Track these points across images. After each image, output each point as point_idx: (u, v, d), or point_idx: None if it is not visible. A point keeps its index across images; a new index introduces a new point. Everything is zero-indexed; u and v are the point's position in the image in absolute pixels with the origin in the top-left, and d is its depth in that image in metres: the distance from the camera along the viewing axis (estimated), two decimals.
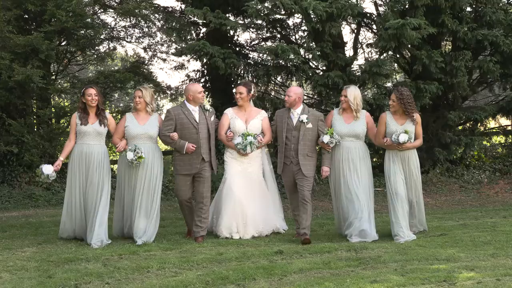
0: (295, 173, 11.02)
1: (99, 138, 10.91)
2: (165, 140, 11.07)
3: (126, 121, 11.00)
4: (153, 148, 11.02)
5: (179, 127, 10.89)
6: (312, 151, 11.07)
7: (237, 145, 10.98)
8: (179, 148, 10.84)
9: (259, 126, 11.32)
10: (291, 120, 11.05)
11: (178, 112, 10.96)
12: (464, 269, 8.60)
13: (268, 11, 17.18)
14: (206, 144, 10.98)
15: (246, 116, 11.30)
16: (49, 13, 17.21)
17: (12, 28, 17.15)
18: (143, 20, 20.54)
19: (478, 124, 18.56)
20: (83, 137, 10.83)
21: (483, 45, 16.78)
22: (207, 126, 11.02)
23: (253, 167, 11.36)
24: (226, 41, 18.97)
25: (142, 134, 10.85)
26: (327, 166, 11.04)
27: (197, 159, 10.88)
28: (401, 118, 10.75)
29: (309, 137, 11.00)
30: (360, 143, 11.12)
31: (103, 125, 10.88)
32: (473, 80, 17.79)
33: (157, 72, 26.23)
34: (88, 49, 20.09)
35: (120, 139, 10.99)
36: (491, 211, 13.96)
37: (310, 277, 8.32)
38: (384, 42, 16.32)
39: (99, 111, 10.94)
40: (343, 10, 16.18)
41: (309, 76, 17.29)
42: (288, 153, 11.05)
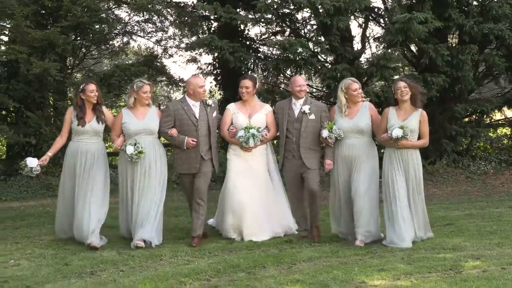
0: (299, 168, 10.13)
1: (97, 135, 10.15)
2: (164, 137, 10.36)
3: (123, 117, 10.05)
4: (155, 143, 10.10)
5: (178, 123, 10.04)
6: (314, 144, 10.13)
7: (239, 138, 10.01)
8: (179, 144, 10.00)
9: (263, 120, 10.32)
10: (293, 111, 10.17)
11: (177, 108, 10.13)
12: (470, 258, 8.59)
13: (277, 6, 17.27)
14: (206, 142, 10.09)
15: (249, 111, 10.33)
16: (65, 9, 17.32)
17: (30, 23, 17.28)
18: (156, 15, 20.64)
19: (484, 116, 18.53)
20: (80, 135, 10.06)
21: (489, 39, 16.71)
22: (208, 122, 10.10)
23: (257, 164, 10.35)
24: (236, 35, 18.98)
25: (142, 130, 9.93)
26: (330, 159, 9.96)
27: (196, 158, 10.03)
28: (405, 113, 9.58)
29: (311, 129, 10.07)
30: (365, 140, 9.91)
31: (100, 122, 10.09)
32: (479, 73, 17.75)
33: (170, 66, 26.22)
34: (103, 43, 20.24)
35: (118, 136, 10.08)
36: (496, 201, 13.92)
37: (319, 265, 8.36)
38: (391, 36, 16.29)
39: (96, 106, 10.11)
40: (351, 4, 16.18)
41: (318, 69, 17.28)
42: (289, 147, 10.18)
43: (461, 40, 17.16)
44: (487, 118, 19.06)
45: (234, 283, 7.58)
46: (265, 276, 7.83)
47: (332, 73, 16.32)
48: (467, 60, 16.31)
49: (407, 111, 9.58)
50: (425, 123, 9.63)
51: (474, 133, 17.42)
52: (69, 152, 10.15)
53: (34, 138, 17.02)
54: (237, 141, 10.11)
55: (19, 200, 15.70)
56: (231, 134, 10.23)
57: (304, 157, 10.00)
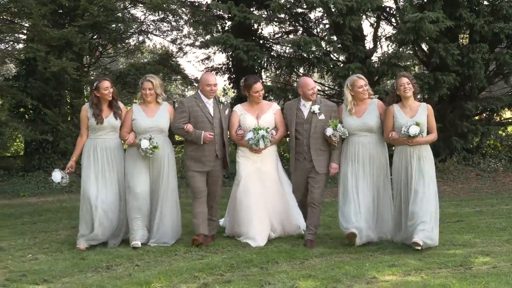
0: (308, 171, 9.58)
1: (114, 131, 9.70)
2: (179, 133, 9.82)
3: (134, 113, 9.65)
4: (164, 141, 9.62)
5: (193, 120, 9.53)
6: (325, 144, 9.51)
7: (249, 140, 9.48)
8: (196, 139, 9.45)
9: (272, 120, 9.83)
10: (301, 112, 9.61)
11: (192, 104, 9.65)
12: (480, 254, 8.58)
13: (291, 5, 17.29)
14: (220, 140, 9.68)
15: (257, 112, 9.83)
16: (82, 8, 17.42)
17: (48, 22, 17.42)
18: (171, 14, 20.68)
19: (494, 114, 18.47)
20: (97, 131, 9.62)
21: (500, 38, 16.63)
22: (221, 120, 9.67)
23: (267, 166, 9.88)
24: (250, 34, 18.99)
25: (152, 127, 9.50)
26: (335, 163, 9.48)
27: (210, 156, 9.60)
28: (411, 110, 9.07)
29: (321, 129, 9.45)
30: (375, 138, 9.36)
31: (118, 118, 9.66)
32: (489, 71, 17.69)
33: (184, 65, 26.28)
34: (119, 42, 20.37)
35: (128, 133, 9.63)
36: (506, 198, 13.89)
37: (331, 261, 8.40)
38: (403, 35, 16.23)
39: (112, 102, 9.71)
40: (363, 3, 16.15)
41: (330, 68, 17.24)
42: (300, 148, 9.61)
43: (471, 39, 17.11)
44: (497, 116, 19.00)
45: (247, 278, 7.61)
46: (278, 271, 7.86)
47: (344, 72, 16.28)
48: (478, 59, 16.25)
49: (413, 107, 9.11)
50: (432, 116, 9.16)
51: (484, 131, 17.38)
52: (87, 151, 9.67)
53: (51, 135, 17.15)
54: (246, 144, 9.63)
55: (37, 195, 15.85)
56: (239, 137, 9.77)
57: (314, 159, 9.48)
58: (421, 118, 8.96)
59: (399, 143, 9.09)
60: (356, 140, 9.32)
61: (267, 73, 20.14)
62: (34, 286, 7.53)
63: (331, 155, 9.52)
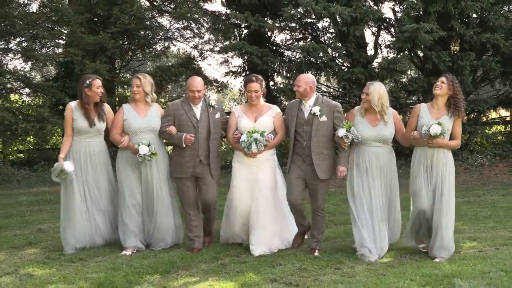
0: (306, 175, 8.16)
1: (99, 134, 8.52)
2: (164, 136, 8.47)
3: (124, 113, 8.37)
4: (157, 143, 8.36)
5: (177, 123, 8.30)
6: (327, 148, 8.14)
7: (241, 143, 8.09)
8: (177, 141, 8.23)
9: (270, 124, 8.36)
10: (302, 113, 8.18)
11: (177, 107, 8.39)
12: (468, 239, 8.63)
13: (301, 16, 17.33)
14: (205, 146, 8.32)
15: (255, 114, 8.40)
16: (115, 17, 17.54)
17: (84, 29, 17.51)
18: (193, 23, 20.74)
19: (481, 115, 18.42)
20: (81, 134, 8.41)
21: (487, 47, 16.63)
22: (208, 125, 8.34)
23: (263, 173, 8.36)
24: (264, 41, 18.98)
25: (144, 128, 8.28)
26: (343, 166, 8.05)
27: (191, 161, 8.27)
28: (438, 112, 7.80)
29: (323, 132, 8.07)
30: (388, 148, 8.11)
31: (102, 121, 8.44)
32: (477, 76, 17.66)
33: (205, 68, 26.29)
34: (147, 47, 20.39)
35: (120, 134, 8.35)
36: (491, 190, 13.89)
37: (335, 245, 8.46)
38: (400, 43, 16.27)
39: (99, 104, 8.47)
40: (365, 15, 16.20)
41: (335, 72, 17.25)
42: (299, 150, 8.19)
43: (461, 48, 17.10)
44: (484, 117, 18.96)
45: (260, 259, 7.76)
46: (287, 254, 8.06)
47: (348, 76, 16.36)
48: (467, 66, 16.25)
49: (441, 110, 7.82)
50: (459, 125, 7.88)
51: (472, 130, 17.35)
52: (70, 154, 8.44)
53: None
54: (241, 147, 8.21)
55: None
56: (235, 140, 8.35)
57: (316, 164, 8.03)
58: (447, 121, 7.70)
59: (419, 143, 7.83)
60: (368, 150, 8.00)
61: (279, 76, 20.12)
62: (71, 264, 7.70)
63: (339, 157, 8.13)
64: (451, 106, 7.78)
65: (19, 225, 10.53)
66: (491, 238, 8.75)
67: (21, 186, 16.18)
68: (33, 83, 19.57)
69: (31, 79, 20.27)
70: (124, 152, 8.36)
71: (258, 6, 17.56)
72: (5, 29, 18.44)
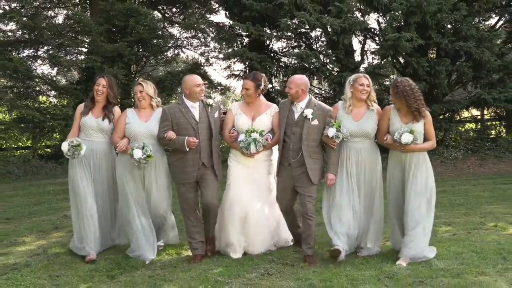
0: (295, 179, 7.12)
1: (102, 134, 7.59)
2: (163, 143, 7.36)
3: (127, 117, 7.44)
4: (157, 149, 7.40)
5: (176, 127, 7.18)
6: (317, 152, 7.11)
7: (240, 143, 7.13)
8: (180, 146, 7.11)
9: (268, 123, 7.33)
10: (293, 113, 7.13)
11: (174, 111, 7.26)
12: (443, 224, 8.69)
13: (296, 26, 17.24)
14: (207, 147, 7.24)
15: (253, 112, 7.35)
16: (131, 27, 17.57)
17: (103, 38, 17.56)
18: (200, 32, 20.71)
19: (455, 114, 18.45)
20: (86, 131, 7.55)
21: (460, 54, 16.65)
22: (209, 125, 7.25)
23: (260, 173, 7.40)
24: (263, 48, 18.97)
25: (145, 133, 7.33)
26: (332, 173, 7.05)
27: (194, 166, 7.18)
28: (407, 115, 6.90)
29: (314, 136, 7.04)
30: (369, 144, 7.14)
31: (107, 120, 7.56)
32: (452, 80, 17.67)
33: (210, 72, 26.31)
34: (159, 54, 20.37)
35: (121, 138, 7.42)
36: (464, 180, 13.92)
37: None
38: (384, 50, 16.27)
39: (107, 105, 7.63)
40: (353, 25, 16.19)
41: (327, 76, 17.27)
42: (286, 153, 7.13)
43: (438, 55, 17.08)
44: (457, 115, 18.99)
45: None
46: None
47: (338, 79, 16.30)
48: (442, 70, 16.25)
49: (408, 114, 6.93)
50: (430, 123, 6.99)
51: (447, 127, 17.35)
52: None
53: None
54: (238, 146, 7.24)
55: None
56: (232, 138, 7.34)
57: (308, 168, 7.05)
58: (417, 126, 6.89)
59: (393, 147, 7.01)
60: (350, 146, 7.08)
61: (276, 79, 20.11)
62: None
63: (328, 163, 7.13)
64: (414, 113, 6.87)
65: (46, 212, 10.59)
66: (463, 223, 8.82)
67: (48, 177, 16.20)
68: (59, 86, 19.57)
69: (57, 82, 20.26)
70: (124, 156, 7.37)
71: (258, 17, 17.53)
72: (35, 38, 18.68)
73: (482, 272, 6.29)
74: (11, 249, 8.07)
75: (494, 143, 18.18)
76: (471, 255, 6.94)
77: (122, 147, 7.27)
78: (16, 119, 18.12)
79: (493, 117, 20.34)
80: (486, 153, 17.38)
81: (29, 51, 19.69)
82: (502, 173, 14.99)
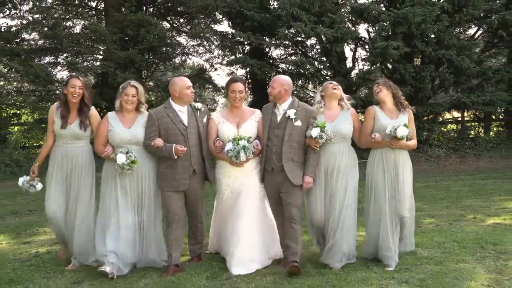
0: (279, 185, 6.22)
1: (77, 139, 6.42)
2: (150, 150, 6.27)
3: (109, 123, 6.29)
4: (145, 155, 6.32)
5: (163, 133, 6.22)
6: (299, 155, 6.18)
7: (228, 152, 6.09)
8: (168, 154, 6.13)
9: (254, 129, 6.37)
10: (275, 116, 6.27)
11: (161, 115, 6.25)
12: (427, 216, 8.72)
13: (293, 35, 17.31)
14: (198, 153, 6.31)
15: (237, 119, 6.39)
16: (142, 36, 17.56)
17: (117, 46, 17.55)
18: (205, 41, 20.78)
19: (438, 115, 18.45)
20: (60, 137, 6.44)
21: (442, 61, 16.63)
22: (198, 130, 6.32)
23: (250, 182, 6.38)
24: (262, 55, 18.96)
25: (130, 139, 6.23)
26: (310, 176, 6.15)
27: (185, 173, 6.24)
28: (392, 112, 6.31)
29: (296, 137, 6.16)
30: (345, 147, 6.30)
31: (83, 128, 6.37)
32: (435, 85, 17.67)
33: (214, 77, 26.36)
34: (168, 60, 20.41)
35: (105, 145, 6.29)
36: (446, 176, 13.96)
37: None
38: (373, 57, 16.32)
39: (82, 107, 6.41)
40: (345, 35, 16.17)
41: (321, 81, 17.18)
42: (269, 157, 6.23)
43: (422, 61, 17.10)
44: (440, 117, 18.98)
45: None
46: None
47: None
48: (427, 76, 16.28)
49: (393, 111, 6.33)
50: (413, 123, 6.33)
51: (430, 127, 17.32)
52: (53, 157, 6.49)
53: None
54: (225, 157, 6.21)
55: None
56: (218, 149, 6.30)
57: (288, 170, 6.11)
58: (402, 122, 6.19)
59: (379, 145, 6.23)
60: (325, 149, 6.23)
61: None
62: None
63: (306, 166, 6.19)
64: (398, 105, 6.33)
65: None
66: (445, 215, 8.85)
67: None
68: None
69: None
70: (109, 164, 6.34)
71: (258, 27, 17.51)
72: (55, 46, 18.83)
73: (462, 260, 6.33)
74: (34, 238, 8.11)
75: (473, 142, 18.21)
76: (453, 244, 6.97)
77: (109, 153, 6.20)
78: (37, 120, 18.33)
79: (472, 119, 20.40)
80: (466, 152, 17.41)
81: (50, 58, 19.78)
82: (480, 170, 15.02)
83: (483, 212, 9.02)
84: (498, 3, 17.32)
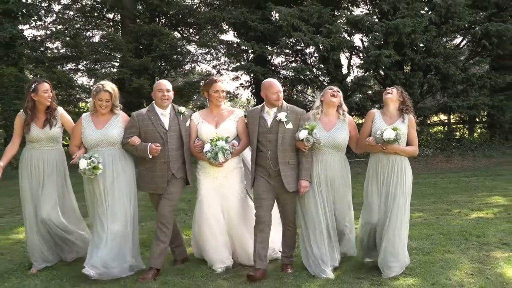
0: (276, 189, 5.67)
1: (52, 141, 5.94)
2: (128, 149, 5.73)
3: (82, 125, 5.74)
4: (117, 155, 5.71)
5: (143, 135, 5.70)
6: (293, 157, 5.64)
7: (206, 153, 5.57)
8: (142, 153, 5.59)
9: (233, 129, 5.81)
10: (265, 120, 5.69)
11: (143, 118, 5.74)
12: (416, 211, 8.68)
13: (293, 44, 17.38)
14: (178, 157, 5.74)
15: (216, 119, 5.83)
16: (155, 45, 17.69)
17: (132, 54, 17.62)
18: (213, 49, 20.83)
19: (426, 118, 18.46)
20: (33, 141, 5.91)
21: (431, 68, 16.64)
22: (180, 134, 5.74)
23: (230, 183, 5.83)
24: (265, 62, 19.00)
25: (101, 141, 5.64)
26: (306, 180, 5.59)
27: (164, 177, 5.69)
28: (392, 118, 5.62)
29: (289, 140, 5.61)
30: (340, 156, 5.71)
31: (53, 127, 5.90)
32: (423, 90, 17.68)
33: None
34: (178, 67, 20.52)
35: (79, 147, 5.77)
36: (433, 174, 13.95)
37: None
38: (367, 65, 16.37)
39: (49, 110, 5.91)
40: (341, 44, 16.22)
41: (319, 86, 17.25)
42: (263, 162, 5.67)
43: (412, 69, 17.11)
44: (428, 120, 19.01)
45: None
46: None
47: None
48: (416, 82, 16.30)
49: (393, 117, 5.64)
50: (413, 128, 5.64)
51: (419, 130, 17.33)
52: (23, 160, 5.97)
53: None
54: (205, 157, 5.65)
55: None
56: (198, 149, 5.74)
57: (283, 175, 5.58)
58: (401, 126, 5.53)
59: (374, 150, 5.60)
60: (320, 159, 5.66)
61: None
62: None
63: (300, 170, 5.65)
64: (402, 111, 5.64)
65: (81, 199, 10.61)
66: (433, 210, 8.85)
67: None
68: None
69: None
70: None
71: (261, 36, 17.55)
72: (76, 54, 19.05)
73: (448, 250, 6.35)
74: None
75: (458, 143, 18.20)
76: (439, 236, 7.00)
77: (76, 160, 5.57)
78: None
79: (457, 121, 20.37)
80: (452, 151, 17.41)
81: (71, 65, 19.98)
82: (465, 168, 15.03)
83: (467, 207, 9.04)
84: (481, 15, 17.36)
